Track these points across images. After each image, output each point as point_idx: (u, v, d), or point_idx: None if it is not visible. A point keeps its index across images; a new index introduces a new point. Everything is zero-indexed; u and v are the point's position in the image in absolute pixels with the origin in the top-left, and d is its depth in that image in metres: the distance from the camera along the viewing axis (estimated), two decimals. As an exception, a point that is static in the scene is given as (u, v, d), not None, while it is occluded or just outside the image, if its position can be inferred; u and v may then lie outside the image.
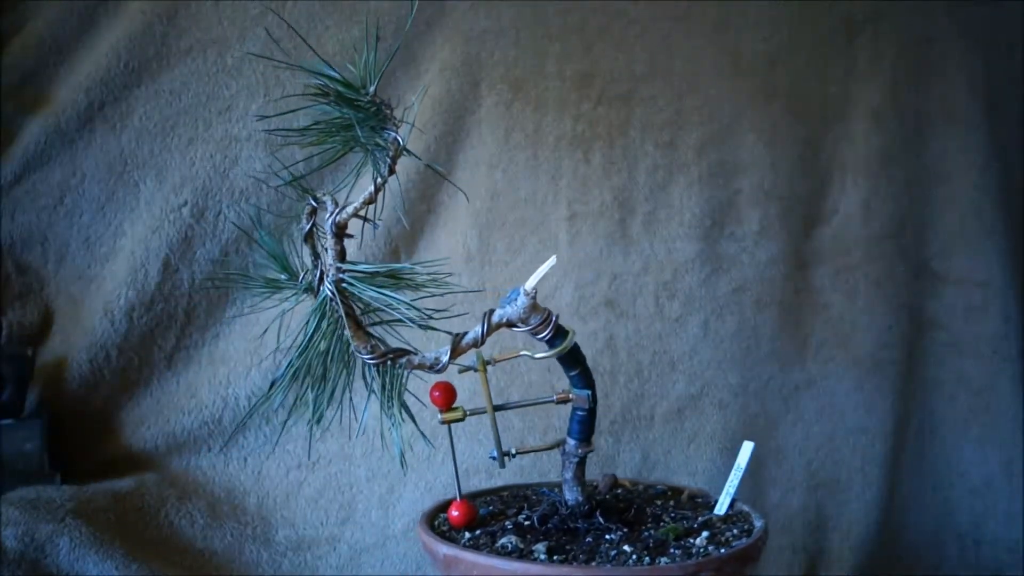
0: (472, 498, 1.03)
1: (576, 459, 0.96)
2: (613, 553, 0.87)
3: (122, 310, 1.33)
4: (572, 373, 0.94)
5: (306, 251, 0.90)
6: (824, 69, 1.58)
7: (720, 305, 1.50)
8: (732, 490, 0.99)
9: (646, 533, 0.92)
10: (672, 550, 0.87)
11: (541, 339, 0.91)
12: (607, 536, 0.92)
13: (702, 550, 0.87)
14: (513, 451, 0.97)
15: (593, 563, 0.85)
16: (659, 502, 1.03)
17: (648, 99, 1.50)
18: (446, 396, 0.95)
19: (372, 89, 0.82)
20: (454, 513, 0.95)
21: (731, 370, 1.50)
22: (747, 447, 1.00)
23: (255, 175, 1.36)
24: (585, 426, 0.95)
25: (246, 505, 1.34)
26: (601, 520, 0.94)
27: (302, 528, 1.34)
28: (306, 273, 0.88)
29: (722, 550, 0.87)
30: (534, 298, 0.89)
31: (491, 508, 1.02)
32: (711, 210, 1.51)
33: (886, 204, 1.59)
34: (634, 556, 0.87)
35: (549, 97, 1.46)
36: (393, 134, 0.83)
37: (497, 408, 0.95)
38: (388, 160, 0.84)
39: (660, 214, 1.49)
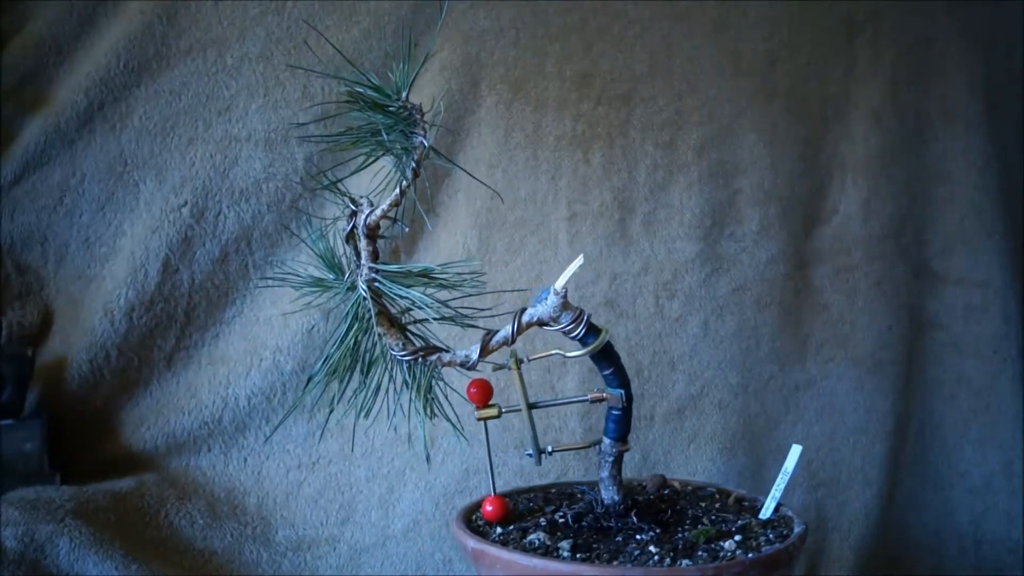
0: (518, 495, 1.06)
1: (611, 458, 0.96)
2: (637, 553, 0.87)
3: (122, 310, 1.33)
4: (606, 372, 0.94)
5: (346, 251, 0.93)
6: (824, 69, 1.58)
7: (720, 305, 1.50)
8: (777, 494, 0.98)
9: (679, 535, 0.92)
10: (699, 552, 0.87)
11: (573, 338, 0.91)
12: (638, 536, 0.92)
13: (729, 554, 0.87)
14: (550, 449, 0.98)
15: (615, 562, 0.85)
16: (704, 504, 1.03)
17: (648, 99, 1.50)
18: (483, 393, 0.96)
19: (405, 95, 0.85)
20: (488, 508, 0.98)
21: (731, 370, 1.50)
22: (795, 451, 0.99)
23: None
24: (620, 425, 0.95)
25: (246, 505, 1.34)
26: (635, 520, 0.94)
27: (302, 528, 1.34)
28: (350, 273, 0.90)
29: (749, 554, 0.87)
30: (564, 297, 0.89)
31: (531, 505, 1.03)
32: (711, 210, 1.51)
33: (886, 204, 1.59)
34: (657, 557, 0.86)
35: (549, 97, 1.46)
36: (420, 138, 0.86)
37: (531, 406, 0.96)
38: (413, 164, 0.86)
39: (660, 214, 1.49)
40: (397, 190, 0.88)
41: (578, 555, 0.87)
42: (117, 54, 1.34)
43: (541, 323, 0.91)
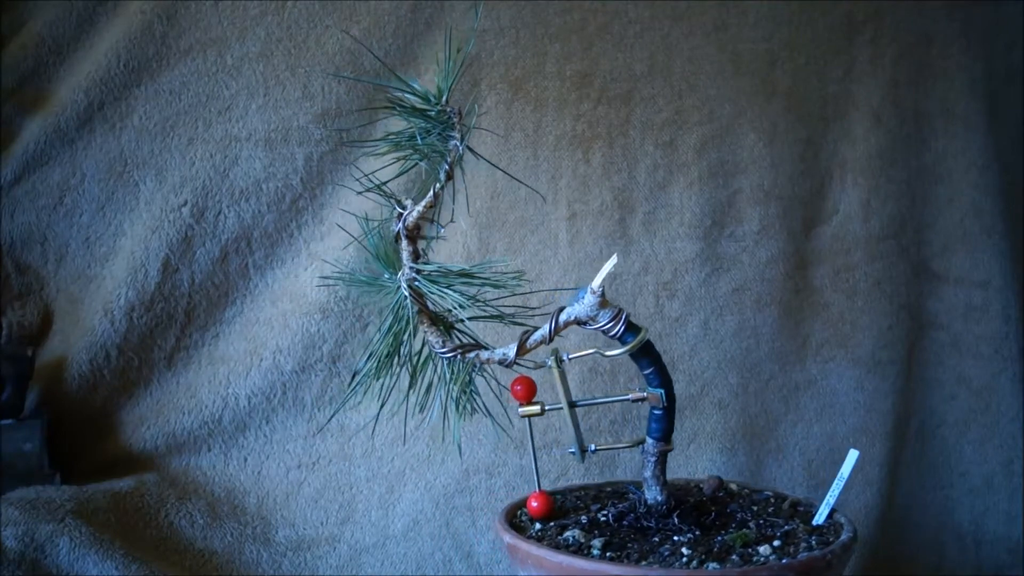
0: (568, 492, 1.07)
1: (654, 458, 0.96)
2: (667, 554, 0.87)
3: (122, 310, 1.33)
4: (646, 371, 0.94)
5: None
6: (824, 69, 1.58)
7: (720, 305, 1.50)
8: (832, 500, 0.97)
9: (719, 538, 0.91)
10: (733, 556, 0.86)
11: (613, 336, 0.91)
12: (676, 538, 0.91)
13: (762, 558, 0.86)
14: (593, 447, 0.98)
15: (643, 563, 0.85)
16: (756, 508, 1.01)
17: (648, 99, 1.50)
18: (527, 390, 0.97)
19: (445, 99, 0.88)
20: (533, 504, 0.98)
21: (731, 370, 1.50)
22: (852, 456, 0.97)
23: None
24: (662, 424, 0.95)
25: (246, 505, 1.34)
26: (675, 521, 0.93)
27: (302, 528, 1.34)
28: (400, 272, 0.93)
29: (783, 559, 0.85)
30: (601, 295, 0.90)
31: (579, 503, 1.04)
32: (711, 210, 1.51)
33: (886, 204, 1.59)
34: (685, 559, 0.85)
35: (549, 97, 1.46)
36: (455, 141, 0.88)
37: (572, 405, 0.96)
38: (446, 167, 0.88)
39: (660, 214, 1.49)
40: (431, 192, 0.90)
41: (608, 554, 0.87)
42: (117, 54, 1.34)
43: (579, 322, 0.91)
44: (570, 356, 0.95)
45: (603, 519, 0.97)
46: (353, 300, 1.39)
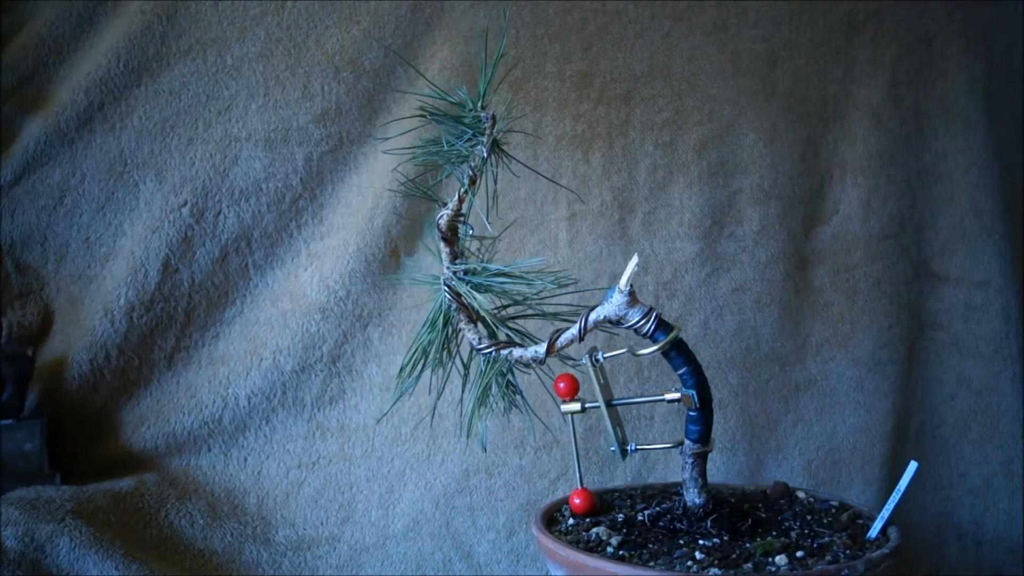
0: (615, 492, 1.08)
1: (691, 460, 0.95)
2: (676, 556, 0.86)
3: (122, 310, 1.33)
4: (680, 371, 0.93)
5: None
6: (824, 69, 1.58)
7: (720, 305, 1.50)
8: (886, 513, 0.94)
9: (747, 544, 0.90)
10: (746, 564, 0.85)
11: (644, 335, 0.92)
12: (701, 541, 0.90)
13: (773, 567, 0.85)
14: (633, 447, 0.99)
15: (650, 564, 0.85)
16: (810, 516, 0.99)
17: (648, 99, 1.50)
18: (570, 387, 0.98)
19: (480, 105, 0.90)
20: (576, 501, 1.00)
21: (731, 370, 1.50)
22: (911, 468, 0.95)
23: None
24: (698, 426, 0.94)
25: (246, 505, 1.34)
26: (707, 525, 0.92)
27: (302, 528, 1.34)
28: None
29: (796, 570, 0.84)
30: (630, 294, 0.90)
31: (627, 502, 1.05)
32: (711, 210, 1.51)
33: (886, 204, 1.59)
34: (690, 562, 0.85)
35: (549, 97, 1.46)
36: (481, 147, 0.90)
37: (609, 404, 0.97)
38: (470, 171, 0.91)
39: (660, 214, 1.49)
40: (456, 196, 0.93)
41: (621, 552, 0.88)
42: (117, 54, 1.34)
43: (609, 322, 0.92)
44: (605, 356, 0.96)
45: (640, 519, 0.97)
46: (353, 300, 1.39)
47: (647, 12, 1.50)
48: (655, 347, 0.91)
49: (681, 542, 0.90)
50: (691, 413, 0.94)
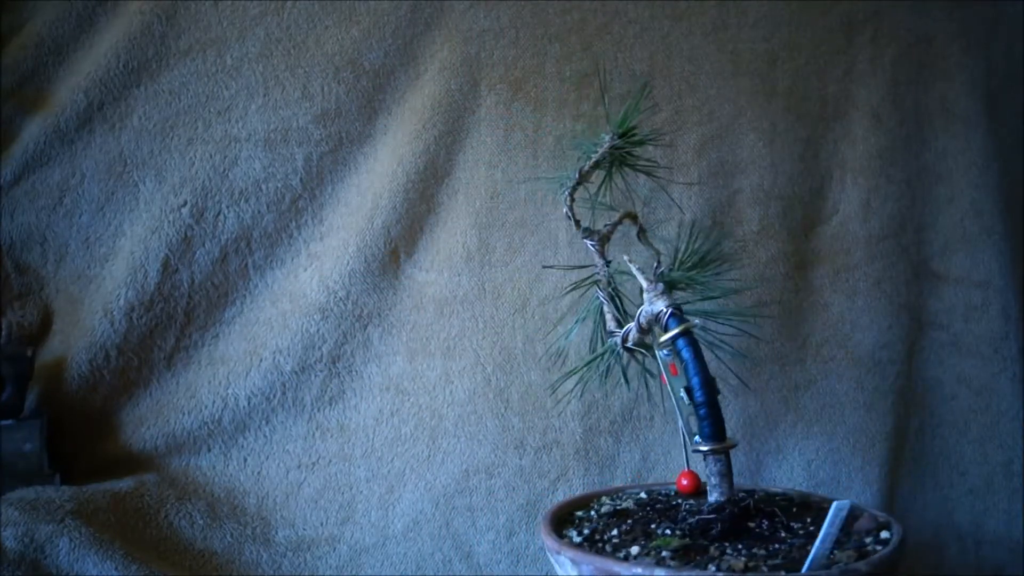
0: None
1: (707, 459, 0.97)
2: (650, 552, 0.89)
3: (121, 310, 1.33)
4: (685, 362, 0.99)
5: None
6: (824, 69, 1.58)
7: (720, 305, 1.50)
8: (815, 553, 0.87)
9: (744, 548, 0.90)
10: (712, 566, 0.86)
11: (663, 327, 1.02)
12: (699, 541, 0.92)
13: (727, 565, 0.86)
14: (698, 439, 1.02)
15: (625, 560, 0.88)
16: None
17: (647, 99, 1.49)
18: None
19: (619, 131, 1.06)
20: (683, 482, 1.08)
21: (731, 370, 1.49)
22: (836, 508, 0.90)
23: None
24: (704, 424, 0.95)
25: (246, 505, 1.34)
26: (714, 529, 0.93)
27: (302, 528, 1.34)
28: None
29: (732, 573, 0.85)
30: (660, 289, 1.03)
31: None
32: (711, 210, 1.51)
33: (886, 204, 1.59)
34: (653, 560, 0.87)
35: (549, 97, 1.46)
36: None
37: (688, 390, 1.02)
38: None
39: (660, 214, 1.49)
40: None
41: (613, 541, 0.92)
42: (117, 54, 1.34)
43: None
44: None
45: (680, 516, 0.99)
46: (353, 301, 1.39)
47: (647, 12, 1.50)
48: (668, 335, 0.99)
49: (684, 543, 0.91)
50: (699, 411, 0.94)
